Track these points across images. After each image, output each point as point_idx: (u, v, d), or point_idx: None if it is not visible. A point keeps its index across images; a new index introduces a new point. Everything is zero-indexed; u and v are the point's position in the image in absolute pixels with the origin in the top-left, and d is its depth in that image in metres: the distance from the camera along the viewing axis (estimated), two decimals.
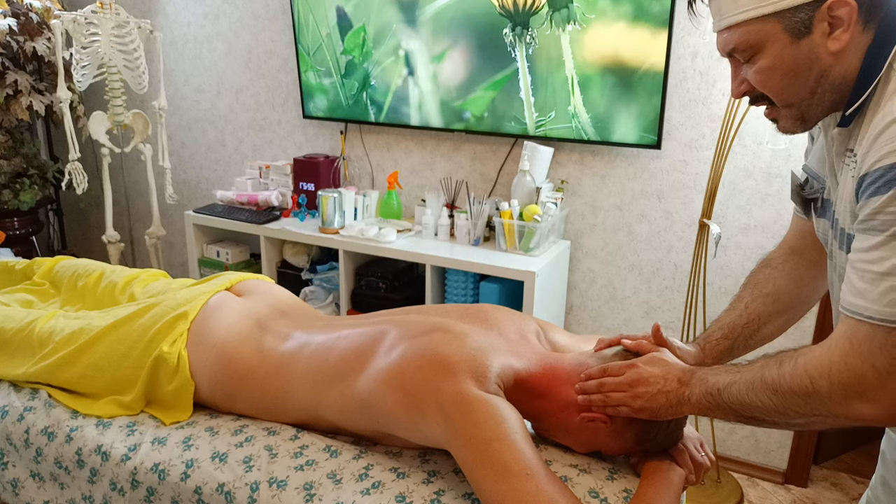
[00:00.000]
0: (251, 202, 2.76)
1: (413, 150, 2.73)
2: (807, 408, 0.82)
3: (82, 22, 2.57)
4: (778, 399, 0.85)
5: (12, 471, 1.33)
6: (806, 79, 0.86)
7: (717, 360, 1.16)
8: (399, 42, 2.49)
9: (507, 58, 2.31)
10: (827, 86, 0.86)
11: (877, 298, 0.76)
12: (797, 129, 0.92)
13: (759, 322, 1.14)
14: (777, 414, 0.85)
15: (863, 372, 0.77)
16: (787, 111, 0.91)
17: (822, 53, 0.84)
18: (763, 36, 0.86)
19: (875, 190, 0.77)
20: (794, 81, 0.87)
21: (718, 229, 2.09)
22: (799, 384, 0.82)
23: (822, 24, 0.83)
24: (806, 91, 0.87)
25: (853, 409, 0.79)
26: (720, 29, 0.90)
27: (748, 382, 0.88)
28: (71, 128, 2.71)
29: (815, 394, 0.81)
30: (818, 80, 0.86)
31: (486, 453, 0.96)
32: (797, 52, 0.85)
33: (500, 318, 1.25)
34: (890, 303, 0.75)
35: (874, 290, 0.77)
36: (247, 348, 1.30)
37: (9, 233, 3.13)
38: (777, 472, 2.37)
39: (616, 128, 2.23)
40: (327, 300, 2.62)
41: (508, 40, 2.29)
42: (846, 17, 0.82)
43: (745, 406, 0.88)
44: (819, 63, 0.85)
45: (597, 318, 2.54)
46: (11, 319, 1.45)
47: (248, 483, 1.11)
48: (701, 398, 0.93)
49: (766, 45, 0.86)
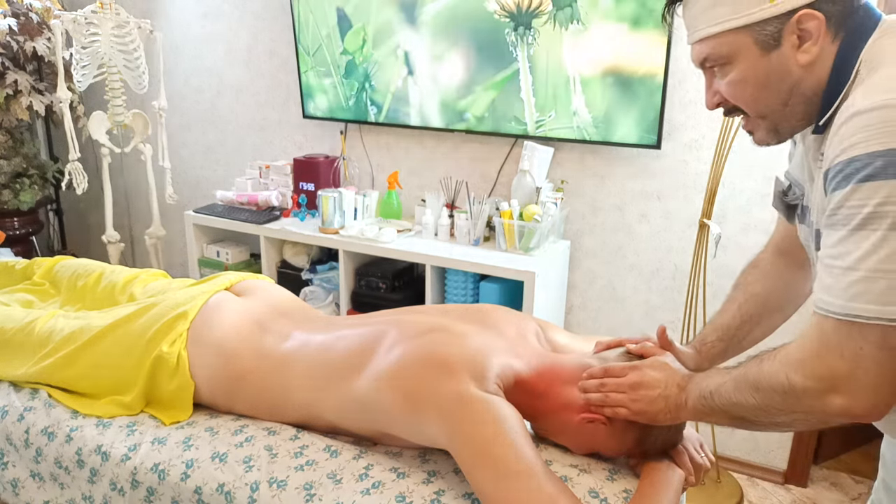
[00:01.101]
0: (251, 202, 2.76)
1: (413, 150, 2.72)
2: (785, 404, 0.83)
3: (82, 22, 2.57)
4: (760, 397, 0.85)
5: (12, 471, 1.33)
6: (777, 90, 0.88)
7: (713, 362, 1.17)
8: (399, 42, 2.49)
9: (509, 58, 2.31)
10: (799, 97, 0.88)
11: (840, 293, 0.77)
12: (772, 140, 0.94)
13: (752, 323, 1.15)
14: (762, 413, 0.86)
15: (833, 365, 0.78)
16: (761, 122, 0.92)
17: (792, 66, 0.86)
18: (734, 49, 0.87)
19: (836, 184, 0.77)
20: (766, 93, 0.88)
21: (718, 229, 2.09)
22: (777, 380, 0.83)
23: (792, 37, 0.84)
24: (778, 103, 0.89)
25: (829, 403, 0.79)
26: (693, 41, 0.92)
27: (735, 382, 0.89)
28: (71, 128, 2.71)
29: (792, 389, 0.82)
30: (790, 91, 0.87)
31: (485, 453, 0.96)
32: (768, 64, 0.86)
33: (499, 319, 1.25)
34: (853, 297, 0.76)
35: (838, 285, 0.77)
36: (246, 348, 1.30)
37: (9, 233, 3.13)
38: (777, 472, 2.37)
39: (616, 128, 2.23)
40: (327, 300, 2.62)
41: (510, 40, 2.29)
42: (815, 29, 0.83)
43: (733, 406, 0.89)
44: (790, 75, 0.86)
45: (597, 318, 2.54)
46: (11, 319, 1.45)
47: (248, 483, 1.11)
48: (696, 402, 0.94)
49: (737, 58, 0.88)
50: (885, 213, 0.73)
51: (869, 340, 0.75)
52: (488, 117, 2.42)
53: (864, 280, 0.75)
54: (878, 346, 0.75)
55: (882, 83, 0.77)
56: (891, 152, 0.72)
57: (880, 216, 0.73)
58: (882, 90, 0.75)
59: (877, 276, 0.74)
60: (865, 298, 0.75)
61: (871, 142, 0.73)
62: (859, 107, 0.76)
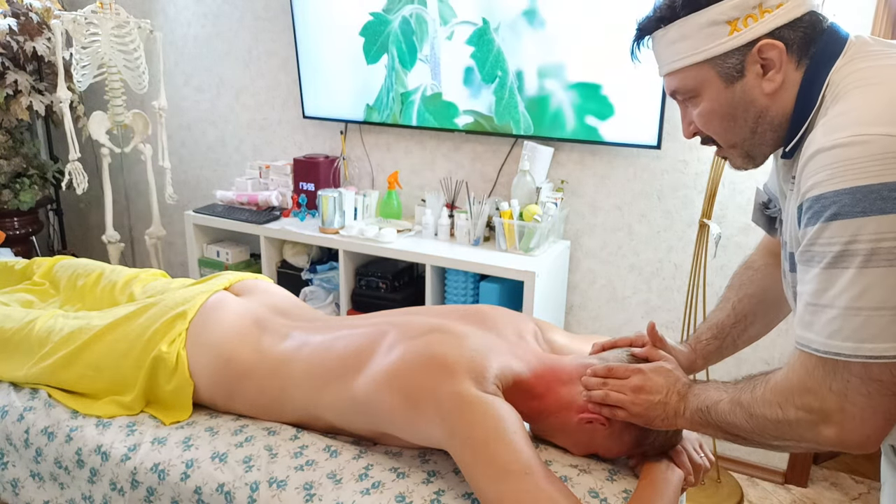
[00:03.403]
0: (251, 202, 2.76)
1: (413, 150, 2.72)
2: (778, 432, 0.84)
3: (82, 22, 2.57)
4: (753, 422, 0.86)
5: (12, 471, 1.33)
6: (744, 120, 0.89)
7: (707, 359, 1.18)
8: (399, 42, 2.48)
9: (510, 57, 2.31)
10: (766, 125, 0.89)
11: (819, 330, 0.77)
12: (747, 166, 0.95)
13: (747, 321, 1.16)
14: (756, 434, 0.87)
15: (823, 397, 0.78)
16: (733, 151, 0.94)
17: (757, 95, 0.87)
18: (699, 82, 0.89)
19: (807, 221, 0.78)
20: (733, 123, 0.90)
21: (718, 229, 2.09)
22: (769, 409, 0.84)
23: (755, 67, 0.85)
24: (746, 131, 0.90)
25: (821, 434, 0.79)
26: (661, 75, 0.94)
27: (730, 402, 0.89)
28: (71, 128, 2.71)
29: (785, 420, 0.82)
30: (756, 120, 0.89)
31: (484, 453, 0.96)
32: (732, 95, 0.88)
33: (498, 319, 1.25)
34: (831, 334, 0.76)
35: (817, 322, 0.78)
36: (245, 348, 1.30)
37: (9, 233, 3.13)
38: (777, 472, 2.37)
39: (616, 128, 2.23)
40: (327, 300, 2.62)
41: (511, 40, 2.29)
42: (776, 58, 0.84)
43: (728, 425, 0.89)
44: (755, 104, 0.87)
45: (597, 318, 2.54)
46: (11, 319, 1.45)
47: (247, 483, 1.11)
48: (693, 414, 0.95)
49: (703, 90, 0.89)
50: (855, 251, 0.73)
51: (854, 374, 0.76)
52: (488, 117, 2.42)
53: (841, 318, 0.75)
54: (864, 380, 0.75)
55: (841, 119, 0.77)
56: (855, 190, 0.72)
57: (851, 254, 0.73)
58: (841, 126, 0.75)
59: (850, 313, 0.74)
60: (843, 336, 0.75)
61: (836, 180, 0.74)
62: (820, 144, 0.76)
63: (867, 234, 0.72)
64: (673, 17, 0.88)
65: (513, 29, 2.27)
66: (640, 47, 0.95)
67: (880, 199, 0.71)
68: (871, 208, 0.71)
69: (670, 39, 0.89)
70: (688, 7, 0.86)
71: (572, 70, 2.23)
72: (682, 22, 0.87)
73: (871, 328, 0.73)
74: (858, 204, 0.72)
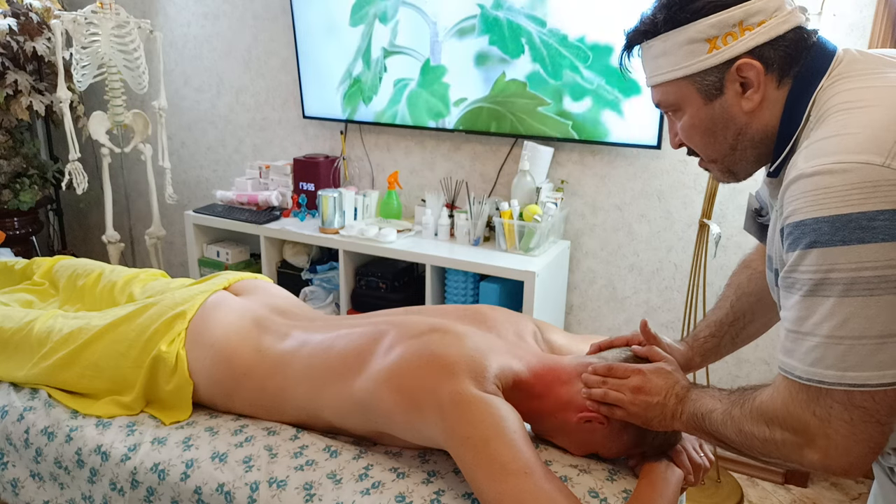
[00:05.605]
0: (251, 202, 2.76)
1: (413, 150, 2.72)
2: (765, 450, 0.84)
3: (82, 22, 2.57)
4: (742, 438, 0.86)
5: (12, 471, 1.33)
6: (724, 136, 0.90)
7: (705, 357, 1.19)
8: (399, 42, 2.48)
9: (510, 58, 2.31)
10: (746, 142, 0.89)
11: (801, 358, 0.77)
12: (729, 180, 0.96)
13: (745, 320, 1.16)
14: (746, 448, 0.87)
15: (807, 421, 0.78)
16: (713, 165, 0.95)
17: (736, 112, 0.87)
18: (680, 97, 0.90)
19: (789, 245, 0.78)
20: (713, 139, 0.91)
21: (718, 229, 2.09)
22: (757, 428, 0.84)
23: (734, 85, 0.86)
24: (726, 148, 0.91)
25: (805, 456, 0.80)
26: (648, 86, 0.95)
27: (723, 415, 0.90)
28: (71, 128, 2.71)
29: (772, 440, 0.82)
30: (736, 137, 0.89)
31: (484, 452, 0.96)
32: (711, 112, 0.88)
33: (497, 319, 1.25)
34: (813, 362, 0.76)
35: (799, 350, 0.78)
36: (245, 347, 1.30)
37: (9, 233, 3.13)
38: (777, 472, 2.37)
39: (616, 128, 2.23)
40: (327, 300, 2.62)
41: (513, 40, 2.29)
42: (755, 77, 0.84)
43: (721, 435, 0.90)
44: (734, 122, 0.88)
45: (597, 318, 2.54)
46: (10, 319, 1.45)
47: (247, 483, 1.11)
48: (689, 419, 0.95)
49: (684, 105, 0.90)
50: (834, 280, 0.73)
51: (836, 400, 0.76)
52: (489, 117, 2.42)
53: (823, 346, 0.75)
54: (846, 407, 0.75)
55: (822, 145, 0.76)
56: (834, 219, 0.72)
57: (830, 283, 0.73)
58: (822, 153, 0.75)
59: (832, 342, 0.74)
60: (825, 364, 0.75)
61: (815, 207, 0.73)
62: (801, 170, 0.76)
63: (846, 264, 0.72)
64: (655, 32, 0.89)
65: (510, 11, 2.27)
66: (629, 57, 0.96)
67: (859, 229, 0.71)
68: (850, 237, 0.71)
69: (653, 54, 0.90)
70: (668, 24, 0.87)
71: (575, 69, 2.23)
72: (663, 37, 0.88)
73: (854, 357, 0.73)
74: (838, 233, 0.72)
